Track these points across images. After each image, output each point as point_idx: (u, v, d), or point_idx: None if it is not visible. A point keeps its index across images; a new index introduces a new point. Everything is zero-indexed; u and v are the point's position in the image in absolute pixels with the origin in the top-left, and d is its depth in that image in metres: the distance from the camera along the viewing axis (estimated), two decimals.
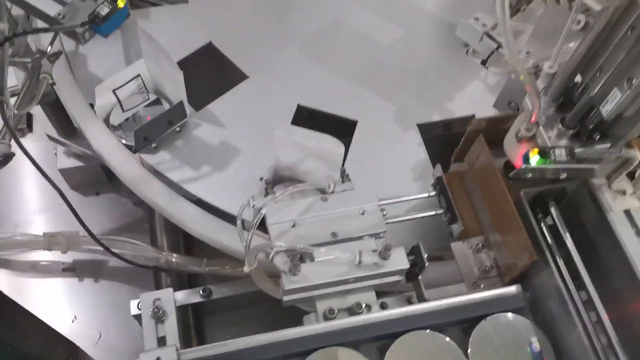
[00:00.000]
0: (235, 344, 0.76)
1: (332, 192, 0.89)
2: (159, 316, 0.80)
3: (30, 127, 1.65)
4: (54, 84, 1.19)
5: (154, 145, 1.09)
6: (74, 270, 1.43)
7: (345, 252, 0.79)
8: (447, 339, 0.77)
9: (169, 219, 1.06)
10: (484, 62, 1.03)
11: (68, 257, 1.42)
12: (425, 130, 1.15)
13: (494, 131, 0.91)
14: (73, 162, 1.46)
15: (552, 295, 0.81)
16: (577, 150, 0.74)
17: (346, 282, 0.80)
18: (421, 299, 0.85)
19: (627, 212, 0.81)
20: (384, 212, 0.88)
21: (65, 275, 1.43)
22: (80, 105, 1.14)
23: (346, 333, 0.77)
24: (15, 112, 0.96)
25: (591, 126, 0.77)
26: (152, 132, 1.09)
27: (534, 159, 0.73)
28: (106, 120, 1.13)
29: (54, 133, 1.40)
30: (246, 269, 0.84)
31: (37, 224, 1.47)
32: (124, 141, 1.12)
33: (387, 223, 0.87)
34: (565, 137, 0.77)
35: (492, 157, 0.88)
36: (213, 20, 1.29)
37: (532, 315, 0.82)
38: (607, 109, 0.72)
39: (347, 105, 1.17)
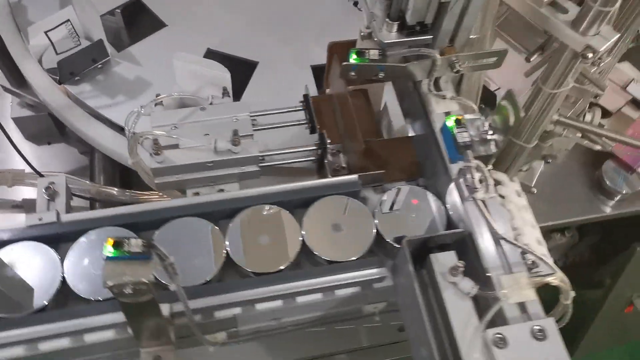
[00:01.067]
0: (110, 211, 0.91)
1: (211, 103, 1.05)
2: (51, 194, 0.95)
3: None
4: None
5: (77, 78, 1.26)
6: (22, 207, 1.60)
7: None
8: (284, 210, 0.92)
9: (85, 139, 1.23)
10: (355, 4, 1.18)
11: (17, 196, 1.59)
12: (317, 71, 1.31)
13: None
14: (25, 112, 1.63)
15: None
16: (389, 53, 0.89)
17: (205, 166, 0.95)
18: None
19: (447, 114, 0.96)
20: (255, 121, 1.04)
21: (14, 212, 1.60)
22: (17, 44, 1.31)
23: (205, 206, 0.93)
24: None
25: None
26: (77, 67, 1.26)
27: (353, 58, 0.88)
28: (40, 60, 1.30)
29: (7, 84, 1.58)
30: (130, 161, 1.00)
31: None
32: None
33: (256, 130, 1.03)
34: (393, 30, 0.91)
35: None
36: None
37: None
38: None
39: (251, 48, 1.34)
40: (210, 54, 1.32)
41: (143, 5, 1.40)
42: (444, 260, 0.83)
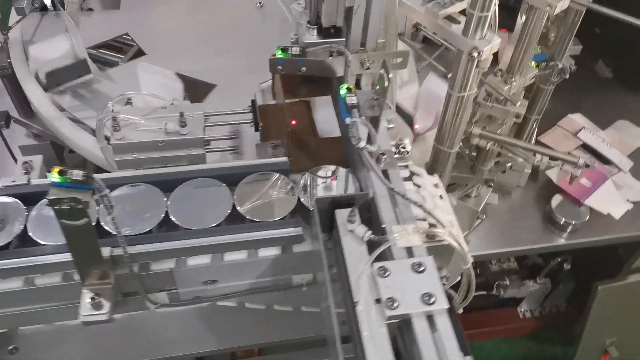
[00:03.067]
0: None
1: (172, 104, 1.24)
2: (27, 167, 1.13)
3: (7, 125, 2.07)
4: (10, 64, 1.61)
5: (61, 88, 1.49)
6: None
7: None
8: (219, 181, 1.08)
9: (67, 143, 1.43)
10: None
11: None
12: None
13: None
14: (31, 141, 1.86)
15: None
16: (308, 50, 1.08)
17: (157, 145, 1.12)
18: None
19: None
20: (208, 119, 1.22)
21: None
22: (22, 67, 1.56)
23: (155, 177, 1.08)
24: None
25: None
26: (62, 79, 1.50)
27: (278, 53, 1.08)
28: (36, 75, 1.55)
29: (17, 115, 1.82)
30: (99, 144, 1.18)
31: None
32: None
33: (207, 126, 1.21)
34: (314, 34, 1.11)
35: (279, 80, 1.22)
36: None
37: None
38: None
39: (212, 73, 1.58)
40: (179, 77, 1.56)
41: (130, 38, 1.67)
42: (345, 214, 0.96)
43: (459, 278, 1.18)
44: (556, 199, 1.75)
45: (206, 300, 1.12)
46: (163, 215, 1.03)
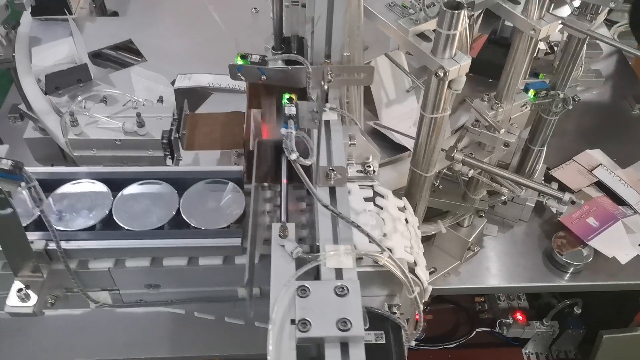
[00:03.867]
0: None
1: (143, 105, 1.24)
2: None
3: (22, 118, 2.14)
4: (14, 57, 1.67)
5: (60, 92, 1.52)
6: None
7: None
8: (170, 186, 1.06)
9: (54, 139, 1.45)
10: None
11: None
12: None
13: None
14: (36, 134, 1.90)
15: None
16: (269, 59, 1.06)
17: (115, 144, 1.12)
18: None
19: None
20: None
21: None
22: (23, 62, 1.60)
23: (106, 174, 1.08)
24: None
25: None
26: (62, 83, 1.52)
27: (238, 60, 1.06)
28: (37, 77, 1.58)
29: (24, 107, 1.87)
30: (62, 140, 1.19)
31: None
32: None
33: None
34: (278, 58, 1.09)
35: (247, 88, 1.20)
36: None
37: None
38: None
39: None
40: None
41: (133, 46, 1.69)
42: (278, 227, 0.93)
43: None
44: (558, 237, 1.65)
45: (150, 305, 1.10)
46: (107, 213, 1.02)
